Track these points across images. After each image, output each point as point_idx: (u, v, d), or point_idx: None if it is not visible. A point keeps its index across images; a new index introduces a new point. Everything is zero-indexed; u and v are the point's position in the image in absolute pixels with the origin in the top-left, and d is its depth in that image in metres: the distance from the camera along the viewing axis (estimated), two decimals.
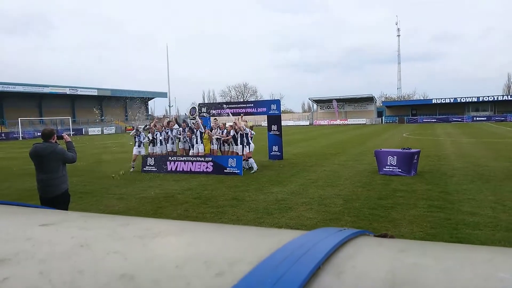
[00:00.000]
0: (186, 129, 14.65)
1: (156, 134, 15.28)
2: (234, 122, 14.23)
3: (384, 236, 0.83)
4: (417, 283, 0.51)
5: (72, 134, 51.30)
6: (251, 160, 13.75)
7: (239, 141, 14.04)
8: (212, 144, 14.76)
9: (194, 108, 16.45)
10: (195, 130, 14.40)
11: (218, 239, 0.75)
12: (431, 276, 0.53)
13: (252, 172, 13.48)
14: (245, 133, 13.90)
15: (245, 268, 0.57)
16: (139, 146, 15.31)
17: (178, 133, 15.07)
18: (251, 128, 14.48)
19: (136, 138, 15.37)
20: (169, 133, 15.28)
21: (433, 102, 76.72)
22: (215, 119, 15.92)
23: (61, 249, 0.69)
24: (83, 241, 0.72)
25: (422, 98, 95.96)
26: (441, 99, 75.52)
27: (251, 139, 14.07)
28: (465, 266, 0.58)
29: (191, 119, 14.88)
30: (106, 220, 0.94)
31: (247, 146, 13.93)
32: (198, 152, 14.38)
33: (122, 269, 0.60)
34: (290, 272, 0.53)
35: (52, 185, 5.87)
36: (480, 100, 72.43)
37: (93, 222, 0.91)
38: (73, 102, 70.37)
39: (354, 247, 0.65)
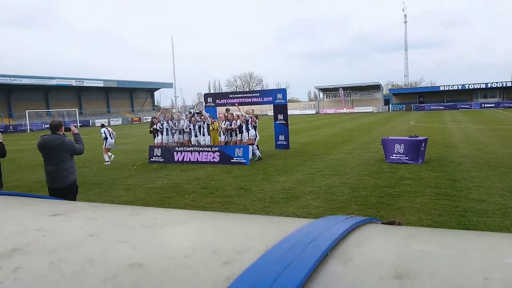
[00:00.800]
0: (192, 119, 14.74)
1: (163, 124, 15.32)
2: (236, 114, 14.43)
3: (391, 223, 0.83)
4: (424, 269, 0.51)
5: (79, 126, 51.63)
6: (251, 148, 13.71)
7: (243, 129, 14.11)
8: (220, 136, 14.79)
9: (201, 102, 16.72)
10: (202, 122, 14.52)
11: (225, 228, 0.76)
12: (438, 263, 0.53)
13: (254, 159, 13.53)
14: (246, 120, 14.03)
15: (253, 256, 0.58)
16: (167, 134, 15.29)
17: (187, 125, 15.08)
18: (256, 116, 14.53)
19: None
20: (176, 124, 15.32)
21: (441, 89, 76.02)
22: (228, 109, 15.89)
23: (70, 239, 0.70)
24: (92, 231, 0.73)
25: (430, 85, 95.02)
26: (449, 86, 74.79)
27: (252, 127, 14.10)
28: (472, 252, 0.58)
29: (197, 112, 14.92)
30: (114, 210, 0.95)
31: (247, 133, 14.04)
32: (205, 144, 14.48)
33: (131, 259, 0.60)
34: (298, 260, 0.53)
35: (60, 176, 5.92)
36: (489, 86, 71.63)
37: (102, 212, 0.92)
38: (79, 93, 70.65)
39: (362, 234, 0.65)
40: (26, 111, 54.15)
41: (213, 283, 0.52)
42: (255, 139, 14.20)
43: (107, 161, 14.78)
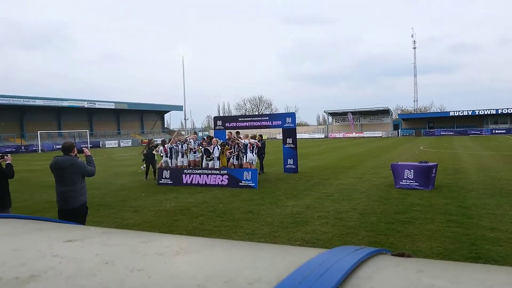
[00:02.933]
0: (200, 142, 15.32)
1: (179, 146, 15.66)
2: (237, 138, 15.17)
3: (401, 255, 0.83)
4: None
5: (90, 147, 52.09)
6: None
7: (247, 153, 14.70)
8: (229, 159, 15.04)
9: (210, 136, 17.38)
10: (213, 148, 14.88)
11: (237, 258, 0.77)
12: None
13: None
14: (244, 145, 14.58)
15: (265, 287, 0.59)
16: (182, 156, 15.67)
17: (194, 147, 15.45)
18: (259, 140, 15.16)
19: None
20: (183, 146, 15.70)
21: (451, 114, 75.70)
22: (237, 132, 16.57)
23: (86, 266, 0.72)
24: (107, 258, 0.75)
25: (439, 111, 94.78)
26: (459, 111, 74.47)
27: (251, 151, 14.55)
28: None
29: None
30: (128, 237, 0.97)
31: (244, 157, 14.60)
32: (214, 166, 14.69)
33: (146, 287, 0.62)
34: None
35: (71, 197, 5.97)
36: (499, 112, 71.19)
37: (115, 238, 0.94)
38: (91, 115, 71.61)
39: (372, 267, 0.66)
40: (38, 132, 54.90)
41: None
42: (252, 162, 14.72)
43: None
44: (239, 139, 14.86)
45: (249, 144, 14.47)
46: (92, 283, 0.64)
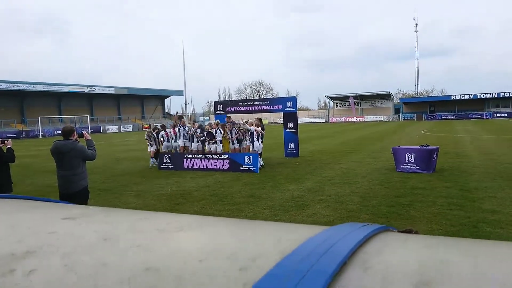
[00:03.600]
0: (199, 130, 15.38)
1: (179, 129, 15.97)
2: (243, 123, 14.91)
3: (409, 231, 0.81)
4: (448, 279, 0.49)
5: (91, 132, 52.10)
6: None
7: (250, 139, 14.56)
8: (233, 144, 15.04)
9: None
10: (215, 131, 14.91)
11: (239, 234, 0.75)
12: (461, 272, 0.51)
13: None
14: (250, 132, 14.41)
15: (269, 263, 0.57)
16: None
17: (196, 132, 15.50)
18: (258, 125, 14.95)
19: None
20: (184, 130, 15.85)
21: (452, 98, 75.37)
22: (229, 117, 16.38)
23: (84, 242, 0.70)
24: (106, 235, 0.72)
25: (441, 95, 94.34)
26: (460, 95, 74.14)
27: (257, 138, 14.40)
28: (495, 262, 0.56)
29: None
30: (127, 215, 0.95)
31: (251, 144, 14.43)
32: (216, 151, 14.76)
33: (146, 263, 0.59)
34: (316, 268, 0.52)
35: (72, 181, 5.96)
36: (501, 96, 70.89)
37: (114, 216, 0.92)
38: (91, 100, 71.40)
39: (380, 242, 0.64)
40: (39, 117, 54.85)
41: None
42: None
43: (153, 165, 15.42)
44: (244, 125, 14.62)
45: (255, 132, 14.33)
46: (91, 259, 0.62)
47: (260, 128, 14.64)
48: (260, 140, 14.48)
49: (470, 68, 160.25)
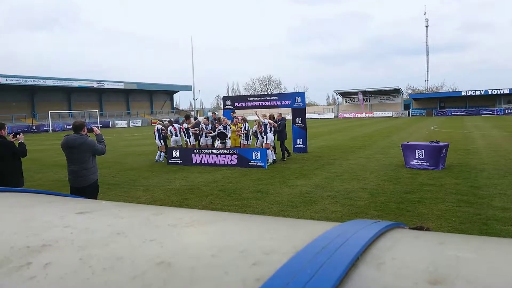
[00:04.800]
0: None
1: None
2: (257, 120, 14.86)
3: (420, 228, 0.81)
4: (461, 275, 0.49)
5: (100, 127, 52.46)
6: (268, 152, 13.84)
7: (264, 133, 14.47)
8: (243, 139, 15.12)
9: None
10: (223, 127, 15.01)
11: (251, 229, 0.75)
12: (474, 269, 0.51)
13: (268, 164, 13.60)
14: (264, 125, 14.28)
15: (281, 258, 0.57)
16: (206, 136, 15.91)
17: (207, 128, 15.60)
18: (276, 121, 14.78)
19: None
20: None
21: (463, 94, 74.52)
22: (233, 111, 16.57)
23: (98, 236, 0.71)
24: (119, 229, 0.73)
25: (451, 90, 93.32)
26: (471, 91, 73.26)
27: (270, 131, 14.30)
28: (508, 259, 0.56)
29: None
30: (139, 209, 0.96)
31: (265, 137, 14.29)
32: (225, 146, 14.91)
33: (159, 257, 0.60)
34: (329, 263, 0.52)
35: (83, 175, 6.02)
36: None
37: (127, 211, 0.93)
38: (100, 95, 71.81)
39: (391, 239, 0.64)
40: (49, 112, 55.35)
41: (244, 284, 0.52)
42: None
43: (159, 160, 15.58)
44: (259, 117, 14.64)
45: (268, 124, 14.32)
46: (104, 253, 0.63)
47: (273, 121, 14.67)
48: (270, 132, 14.47)
49: (481, 63, 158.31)
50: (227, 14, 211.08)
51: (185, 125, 15.79)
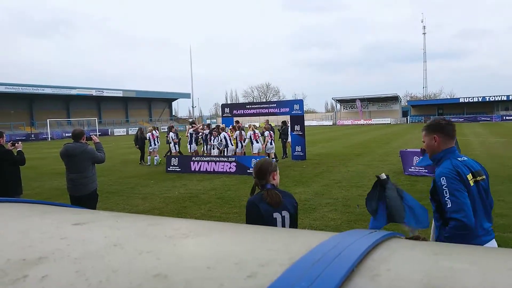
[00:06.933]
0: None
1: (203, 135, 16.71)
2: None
3: (416, 238, 0.81)
4: (455, 287, 0.49)
5: (98, 135, 52.41)
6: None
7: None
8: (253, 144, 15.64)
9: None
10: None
11: (247, 240, 0.76)
12: (468, 280, 0.52)
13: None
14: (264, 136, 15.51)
15: (277, 269, 0.57)
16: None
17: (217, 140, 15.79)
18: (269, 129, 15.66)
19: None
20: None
21: (461, 101, 74.76)
22: (237, 121, 16.96)
23: (95, 248, 0.71)
24: (116, 241, 0.73)
25: (449, 97, 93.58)
26: (469, 97, 73.50)
27: (256, 141, 15.30)
28: (503, 270, 0.56)
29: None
30: (136, 220, 0.96)
31: (259, 143, 15.39)
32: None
33: (155, 269, 0.60)
34: (324, 275, 0.52)
35: (82, 184, 6.01)
36: (510, 98, 70.10)
37: (124, 221, 0.93)
38: (99, 103, 71.85)
39: (387, 249, 0.64)
40: (48, 120, 55.30)
41: None
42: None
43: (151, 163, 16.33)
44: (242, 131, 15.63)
45: (268, 136, 15.24)
46: (101, 265, 0.63)
47: (271, 132, 15.59)
48: (260, 142, 15.44)
49: (479, 70, 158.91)
50: (225, 21, 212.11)
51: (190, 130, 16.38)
